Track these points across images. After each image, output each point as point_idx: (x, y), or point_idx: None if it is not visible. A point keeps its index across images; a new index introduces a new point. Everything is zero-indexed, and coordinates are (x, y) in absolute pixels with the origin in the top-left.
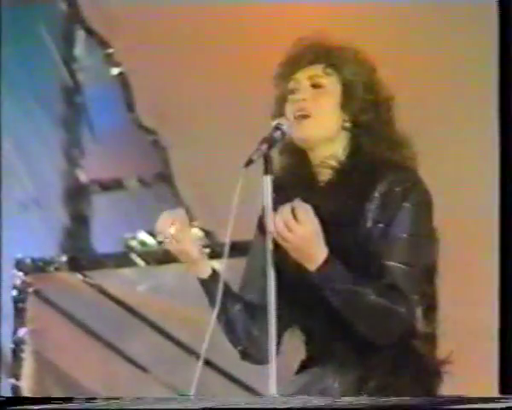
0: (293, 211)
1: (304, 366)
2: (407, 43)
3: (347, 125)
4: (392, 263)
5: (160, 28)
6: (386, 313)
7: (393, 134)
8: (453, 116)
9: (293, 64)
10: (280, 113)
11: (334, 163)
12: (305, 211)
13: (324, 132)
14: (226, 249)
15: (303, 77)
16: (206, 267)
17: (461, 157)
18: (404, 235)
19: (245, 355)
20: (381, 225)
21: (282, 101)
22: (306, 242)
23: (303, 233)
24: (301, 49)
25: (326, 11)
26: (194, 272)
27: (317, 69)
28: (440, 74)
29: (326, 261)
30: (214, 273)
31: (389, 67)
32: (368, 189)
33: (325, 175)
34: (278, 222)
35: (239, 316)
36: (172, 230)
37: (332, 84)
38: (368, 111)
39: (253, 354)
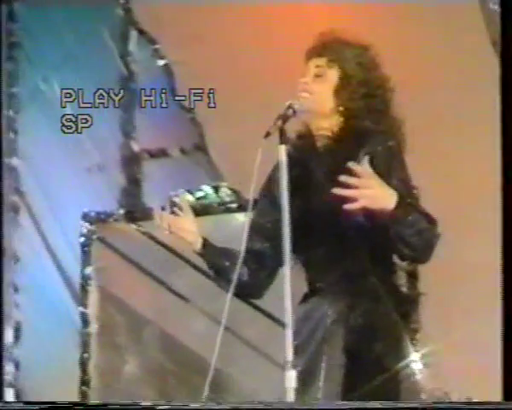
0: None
1: (305, 298)
2: (410, 40)
3: (340, 108)
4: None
5: (196, 27)
6: (431, 232)
7: (384, 120)
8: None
9: (308, 54)
10: None
11: (328, 133)
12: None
13: (318, 108)
14: (250, 204)
15: (311, 65)
16: (198, 241)
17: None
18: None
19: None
20: None
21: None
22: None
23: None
24: (316, 43)
25: (336, 10)
26: (189, 247)
27: (322, 61)
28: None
29: None
30: (205, 241)
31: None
32: (355, 151)
33: (322, 142)
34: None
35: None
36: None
37: (331, 75)
38: (357, 101)
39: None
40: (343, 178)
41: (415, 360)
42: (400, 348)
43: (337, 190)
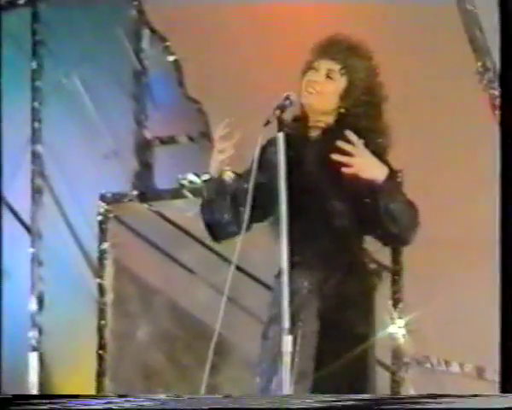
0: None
1: (279, 272)
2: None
3: (342, 110)
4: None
5: (202, 26)
6: (414, 215)
7: (377, 123)
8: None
9: (319, 53)
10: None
11: (323, 125)
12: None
13: (322, 107)
14: (251, 186)
15: (323, 66)
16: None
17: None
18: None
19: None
20: None
21: (303, 74)
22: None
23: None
24: (328, 44)
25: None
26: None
27: (335, 66)
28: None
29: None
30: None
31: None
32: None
33: (315, 133)
34: None
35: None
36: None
37: (340, 80)
38: (359, 106)
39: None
40: (340, 143)
41: (399, 327)
42: (369, 316)
43: (335, 156)
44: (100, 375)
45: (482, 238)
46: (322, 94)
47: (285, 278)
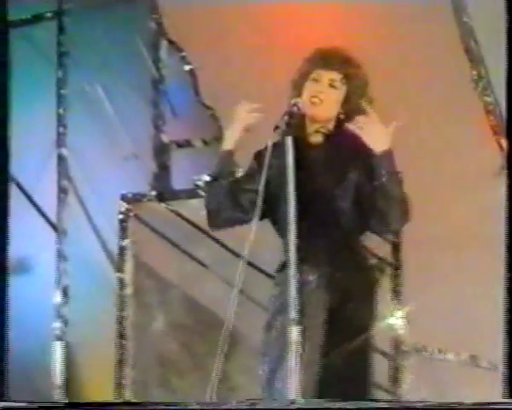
0: None
1: (283, 266)
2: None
3: (342, 116)
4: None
5: (216, 38)
6: (407, 208)
7: None
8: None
9: (320, 64)
10: (298, 91)
11: (324, 130)
12: None
13: (327, 115)
14: (262, 182)
15: (325, 76)
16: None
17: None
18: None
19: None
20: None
21: (300, 83)
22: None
23: None
24: (328, 56)
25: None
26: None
27: (337, 76)
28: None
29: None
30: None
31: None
32: (347, 150)
33: (316, 139)
34: None
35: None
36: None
37: (341, 89)
38: (356, 112)
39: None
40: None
41: (398, 318)
42: (371, 307)
43: (349, 125)
44: (119, 362)
45: (478, 235)
46: (327, 103)
47: (292, 271)
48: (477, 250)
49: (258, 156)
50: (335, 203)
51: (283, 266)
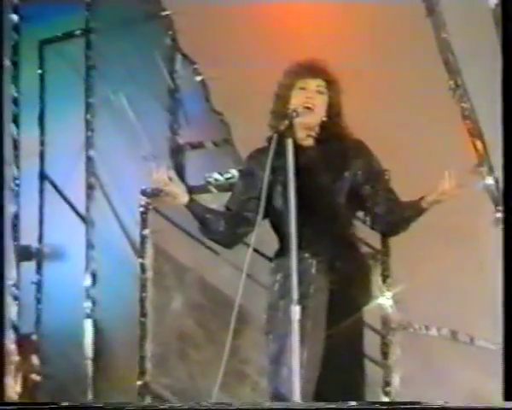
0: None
1: (279, 254)
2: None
3: (324, 119)
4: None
5: (224, 52)
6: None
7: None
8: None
9: (306, 72)
10: (282, 102)
11: (314, 134)
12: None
13: (317, 119)
14: (264, 187)
15: (312, 83)
16: (185, 197)
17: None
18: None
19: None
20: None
21: (285, 94)
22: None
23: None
24: (311, 66)
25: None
26: (178, 202)
27: (322, 82)
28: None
29: None
30: (191, 199)
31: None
32: (337, 150)
33: (308, 142)
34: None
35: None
36: (166, 181)
37: (326, 94)
38: (338, 115)
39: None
40: None
41: (387, 298)
42: (368, 288)
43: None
44: (142, 338)
45: (462, 225)
46: (317, 108)
47: (293, 255)
48: (462, 239)
49: (253, 158)
50: (331, 199)
51: (281, 253)
